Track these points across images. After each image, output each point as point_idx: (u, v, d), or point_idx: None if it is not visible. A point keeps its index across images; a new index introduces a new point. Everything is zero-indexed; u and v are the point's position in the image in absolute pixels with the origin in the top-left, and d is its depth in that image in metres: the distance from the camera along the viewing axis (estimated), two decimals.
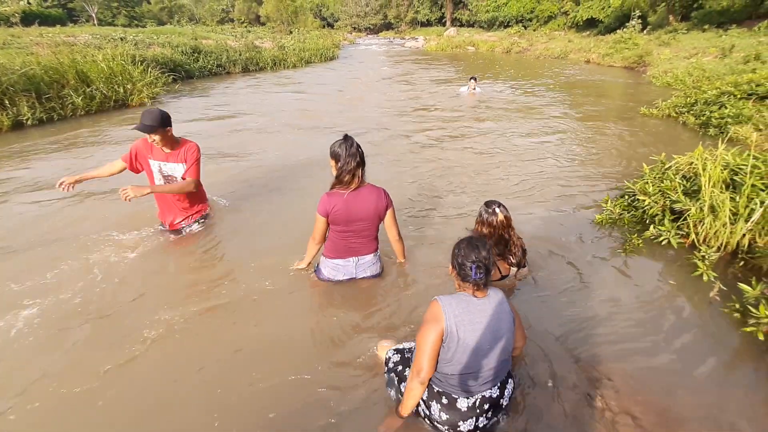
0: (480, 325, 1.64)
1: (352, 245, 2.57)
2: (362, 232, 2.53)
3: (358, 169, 2.39)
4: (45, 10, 35.89)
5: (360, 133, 6.50)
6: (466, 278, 1.69)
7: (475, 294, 1.70)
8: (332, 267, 2.65)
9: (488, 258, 1.68)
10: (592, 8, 25.71)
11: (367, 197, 2.45)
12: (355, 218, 2.45)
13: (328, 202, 2.42)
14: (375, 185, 2.52)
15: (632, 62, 14.75)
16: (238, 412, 1.90)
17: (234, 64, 14.28)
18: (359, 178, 2.41)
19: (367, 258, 2.65)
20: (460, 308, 1.66)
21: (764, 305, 2.22)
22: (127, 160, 3.13)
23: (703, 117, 6.29)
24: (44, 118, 6.96)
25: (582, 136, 6.36)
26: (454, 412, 1.68)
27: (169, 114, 3.03)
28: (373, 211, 2.47)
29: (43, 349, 2.24)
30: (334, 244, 2.58)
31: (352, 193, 2.41)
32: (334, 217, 2.44)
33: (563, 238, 3.34)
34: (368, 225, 2.51)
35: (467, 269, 1.67)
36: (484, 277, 1.67)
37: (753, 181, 2.92)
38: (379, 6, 51.89)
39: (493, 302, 1.70)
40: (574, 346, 2.27)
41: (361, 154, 2.41)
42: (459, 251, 1.73)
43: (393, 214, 2.60)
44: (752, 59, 9.55)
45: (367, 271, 2.70)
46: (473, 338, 1.62)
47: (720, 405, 1.93)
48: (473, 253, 1.67)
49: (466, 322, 1.63)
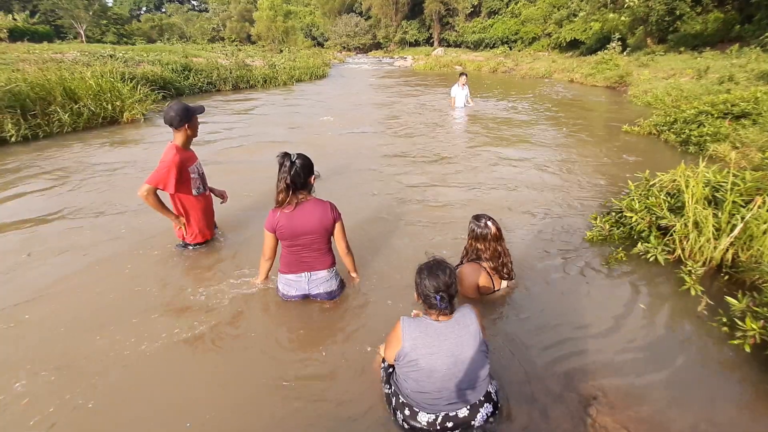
0: (435, 348, 1.70)
1: (304, 259, 2.54)
2: (311, 246, 2.50)
3: (288, 191, 2.34)
4: (32, 27, 35.79)
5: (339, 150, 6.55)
6: (432, 307, 1.76)
7: (438, 318, 1.76)
8: (285, 282, 2.62)
9: (450, 284, 1.74)
10: (575, 30, 26.71)
11: (311, 211, 2.41)
12: (300, 232, 2.42)
13: (272, 218, 2.42)
14: (320, 199, 2.50)
15: (614, 82, 15.25)
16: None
17: (224, 82, 14.34)
18: (295, 197, 2.37)
19: (321, 274, 2.60)
20: (419, 331, 1.74)
21: (750, 318, 2.27)
22: (170, 184, 2.88)
23: (683, 135, 6.51)
24: (29, 135, 6.86)
25: (567, 153, 6.50)
26: (415, 423, 1.73)
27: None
28: (316, 224, 2.43)
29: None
30: (286, 258, 2.56)
31: (295, 209, 2.38)
32: (280, 233, 2.43)
33: (553, 255, 3.37)
34: (316, 238, 2.48)
35: (432, 299, 1.74)
36: (449, 306, 1.74)
37: (734, 198, 3.01)
38: (369, 26, 53.09)
39: (456, 326, 1.75)
40: (565, 363, 2.27)
41: (296, 174, 2.32)
42: (421, 281, 1.79)
43: (341, 228, 2.57)
44: (726, 80, 9.97)
45: (321, 288, 2.62)
46: (427, 361, 1.69)
47: (711, 418, 1.95)
48: (435, 282, 1.74)
49: (421, 345, 1.71)
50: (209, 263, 3.22)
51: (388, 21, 49.16)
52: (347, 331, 2.52)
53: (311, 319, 2.62)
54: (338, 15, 55.65)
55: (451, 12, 42.15)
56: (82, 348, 2.34)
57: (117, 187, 4.89)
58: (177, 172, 2.90)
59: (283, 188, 2.34)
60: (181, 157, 2.95)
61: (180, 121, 2.92)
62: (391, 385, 1.90)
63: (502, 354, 2.32)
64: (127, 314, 2.63)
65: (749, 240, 2.89)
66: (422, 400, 1.73)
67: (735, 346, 2.29)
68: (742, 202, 3.04)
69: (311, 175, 2.45)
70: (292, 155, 2.36)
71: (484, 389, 1.79)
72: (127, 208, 4.22)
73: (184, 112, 2.93)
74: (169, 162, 2.87)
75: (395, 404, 1.82)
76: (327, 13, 57.07)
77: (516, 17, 35.16)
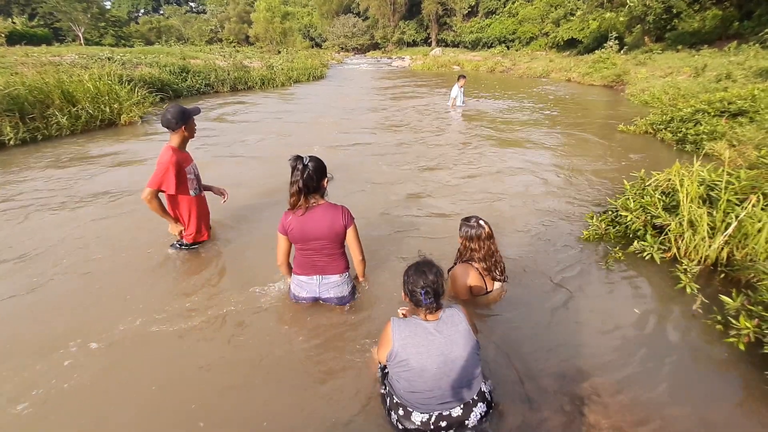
0: (424, 348, 1.72)
1: (317, 263, 2.52)
2: (322, 250, 2.47)
3: (300, 194, 2.30)
4: (30, 30, 35.73)
5: (342, 146, 6.56)
6: (418, 304, 1.78)
7: (426, 318, 1.78)
8: (297, 283, 2.62)
9: (437, 282, 1.77)
10: (572, 29, 26.74)
11: (321, 217, 2.37)
12: (310, 237, 2.40)
13: (284, 220, 2.41)
14: (333, 204, 2.45)
15: (611, 81, 15.29)
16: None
17: (222, 84, 14.35)
18: (307, 201, 2.33)
19: (333, 278, 2.57)
20: (408, 331, 1.76)
21: (744, 316, 2.28)
22: (171, 185, 2.92)
23: (680, 134, 6.52)
24: (28, 138, 6.87)
25: (562, 153, 6.52)
26: (410, 423, 1.75)
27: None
28: (327, 230, 2.39)
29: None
30: (299, 260, 2.56)
31: (306, 212, 2.36)
32: (291, 236, 2.42)
33: (549, 254, 3.38)
34: (326, 244, 2.44)
35: (417, 295, 1.76)
36: (434, 302, 1.75)
37: (728, 197, 3.03)
38: (366, 27, 53.11)
39: (445, 325, 1.77)
40: (559, 363, 2.28)
41: (309, 177, 2.28)
42: (408, 278, 1.83)
43: (354, 234, 2.51)
44: (723, 78, 9.99)
45: (331, 292, 2.59)
46: (417, 361, 1.71)
47: (705, 417, 1.96)
48: (421, 279, 1.77)
49: (410, 345, 1.73)
50: (206, 264, 3.24)
51: (386, 21, 49.18)
52: (345, 332, 2.53)
53: (308, 320, 2.63)
54: (336, 16, 55.65)
55: (448, 12, 42.19)
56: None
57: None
58: (175, 172, 2.92)
59: (295, 191, 2.30)
60: (178, 157, 2.99)
61: (176, 123, 2.97)
62: (386, 385, 1.91)
63: (497, 354, 2.33)
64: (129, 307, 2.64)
65: (744, 238, 2.90)
66: (415, 400, 1.74)
67: (729, 345, 2.30)
68: (736, 200, 3.05)
69: (324, 178, 2.39)
70: (304, 158, 2.30)
71: (477, 388, 1.80)
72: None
73: (180, 115, 2.98)
74: (167, 162, 2.90)
75: (390, 404, 1.84)
76: (325, 14, 57.07)
77: (513, 17, 35.17)
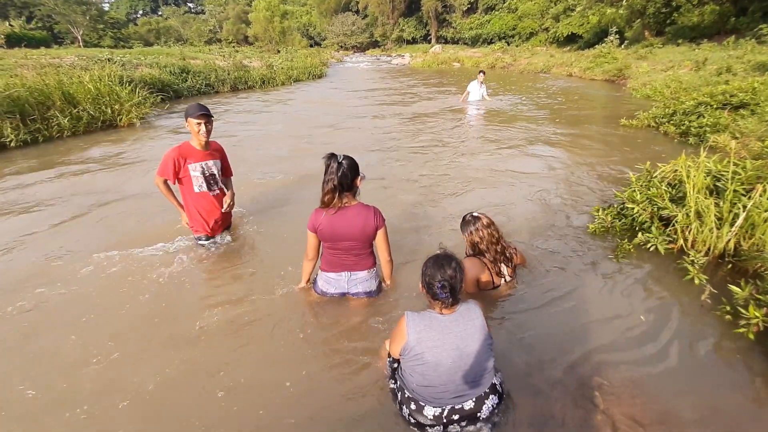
0: (440, 342, 1.71)
1: (345, 261, 2.53)
2: (351, 251, 2.47)
3: (335, 193, 2.28)
4: (29, 33, 35.73)
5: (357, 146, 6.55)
6: (435, 297, 1.76)
7: (442, 311, 1.78)
8: (325, 280, 2.62)
9: (454, 276, 1.75)
10: (572, 24, 26.62)
11: (353, 218, 2.35)
12: (340, 237, 2.39)
13: (315, 218, 2.39)
14: (366, 205, 2.42)
15: (612, 75, 15.23)
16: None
17: (222, 84, 14.34)
18: (340, 200, 2.31)
19: (361, 274, 2.58)
20: (423, 325, 1.75)
21: (753, 306, 2.27)
22: (170, 174, 3.08)
23: (683, 126, 6.50)
24: (29, 140, 6.87)
25: (566, 147, 6.50)
26: (422, 417, 1.74)
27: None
28: (358, 231, 2.37)
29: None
30: (327, 258, 2.56)
31: (338, 212, 2.34)
32: (321, 234, 2.41)
33: (556, 248, 3.38)
34: (356, 244, 2.43)
35: (434, 288, 1.74)
36: (450, 296, 1.73)
37: (735, 187, 3.01)
38: (366, 25, 53.02)
39: (461, 319, 1.76)
40: (570, 354, 2.28)
41: (344, 176, 2.26)
42: (426, 270, 1.80)
43: (384, 235, 2.49)
44: (724, 71, 9.95)
45: (359, 287, 2.60)
46: (432, 355, 1.70)
47: (716, 406, 1.96)
48: (439, 273, 1.75)
49: (426, 338, 1.72)
50: (223, 260, 3.25)
51: (385, 19, 49.09)
52: (354, 327, 2.53)
53: (319, 315, 2.63)
54: (335, 14, 55.57)
55: (448, 9, 42.10)
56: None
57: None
58: (174, 164, 3.05)
59: (330, 189, 2.27)
60: (181, 151, 3.10)
61: (185, 118, 3.09)
62: (397, 380, 1.90)
63: (507, 346, 2.33)
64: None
65: (751, 228, 2.89)
66: (428, 394, 1.73)
67: (739, 335, 2.29)
68: (743, 191, 3.04)
69: (357, 177, 2.36)
70: (338, 156, 2.28)
71: (490, 381, 1.79)
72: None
73: (185, 113, 3.07)
74: (168, 154, 3.08)
75: (401, 399, 1.83)
76: (323, 13, 56.98)
77: (513, 12, 35.04)
